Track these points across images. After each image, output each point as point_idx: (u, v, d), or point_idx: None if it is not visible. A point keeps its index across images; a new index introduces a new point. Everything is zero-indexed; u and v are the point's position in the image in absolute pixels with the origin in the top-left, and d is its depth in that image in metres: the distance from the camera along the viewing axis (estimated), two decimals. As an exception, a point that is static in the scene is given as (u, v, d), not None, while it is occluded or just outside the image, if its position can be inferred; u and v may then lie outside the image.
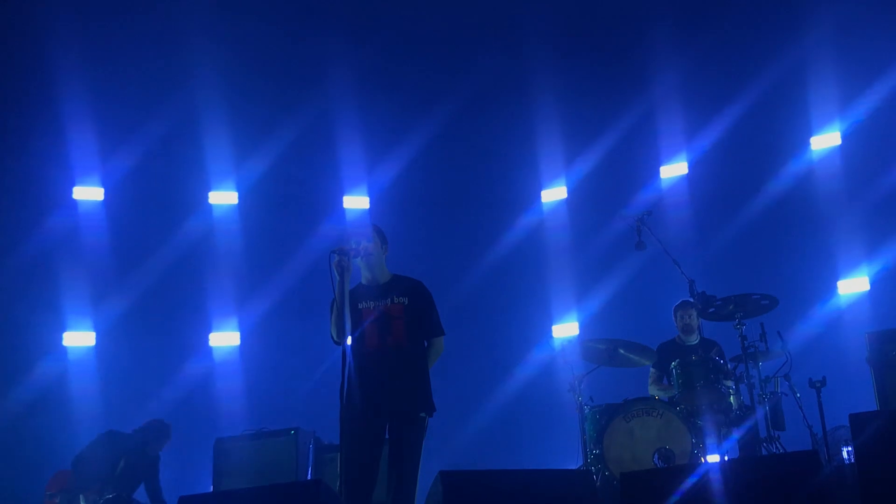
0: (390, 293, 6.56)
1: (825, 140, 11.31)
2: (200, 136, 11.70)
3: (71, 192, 11.49)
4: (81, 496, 8.61)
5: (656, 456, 7.98)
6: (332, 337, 6.54)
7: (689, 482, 5.12)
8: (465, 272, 11.62)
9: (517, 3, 11.52)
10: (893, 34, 11.03)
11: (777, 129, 11.48)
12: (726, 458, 8.13)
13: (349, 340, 6.26)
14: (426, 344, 6.64)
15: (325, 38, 11.67)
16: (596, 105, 11.88)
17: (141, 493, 9.22)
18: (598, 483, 7.90)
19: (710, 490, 5.04)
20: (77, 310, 11.04)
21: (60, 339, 10.92)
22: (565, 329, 11.58)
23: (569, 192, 12.12)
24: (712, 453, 8.10)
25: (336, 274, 6.30)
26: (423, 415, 6.45)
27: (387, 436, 6.42)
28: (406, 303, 6.54)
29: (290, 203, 11.94)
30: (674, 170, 11.79)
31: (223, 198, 11.90)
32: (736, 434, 8.20)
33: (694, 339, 9.30)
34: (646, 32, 11.52)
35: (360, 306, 6.49)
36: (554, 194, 12.17)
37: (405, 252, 7.05)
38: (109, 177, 11.63)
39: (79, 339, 11.04)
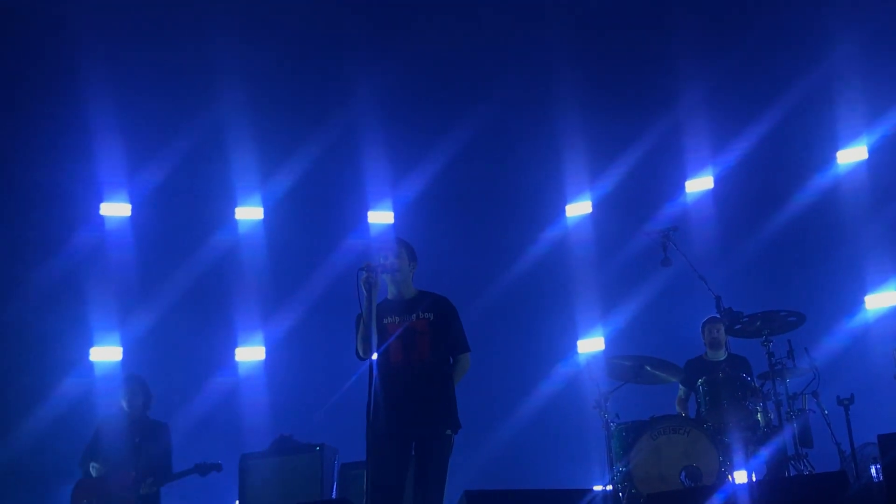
0: (416, 309, 6.57)
1: (852, 154, 11.24)
2: (226, 152, 11.75)
3: (98, 208, 11.55)
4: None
5: (683, 474, 7.93)
6: (357, 353, 6.56)
7: (717, 503, 5.10)
8: (490, 286, 11.59)
9: (542, 19, 11.50)
10: (920, 48, 10.98)
11: (803, 143, 11.41)
12: (754, 476, 8.07)
13: (374, 356, 6.27)
14: (452, 360, 6.64)
15: (349, 54, 11.70)
16: (621, 119, 11.83)
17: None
18: (625, 502, 7.85)
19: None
20: (104, 325, 11.09)
21: (87, 354, 10.96)
22: (591, 344, 11.54)
23: (594, 207, 12.08)
24: (739, 471, 8.05)
25: (363, 290, 6.31)
26: (448, 432, 6.44)
27: (412, 452, 6.41)
28: (431, 318, 6.55)
29: (315, 218, 11.97)
30: (699, 184, 11.73)
31: (249, 213, 11.94)
32: (763, 452, 8.14)
33: (722, 355, 9.26)
34: (671, 47, 11.48)
35: (385, 322, 6.50)
36: (579, 209, 12.13)
37: (429, 267, 7.04)
38: (136, 192, 11.69)
39: (106, 354, 11.08)
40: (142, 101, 11.40)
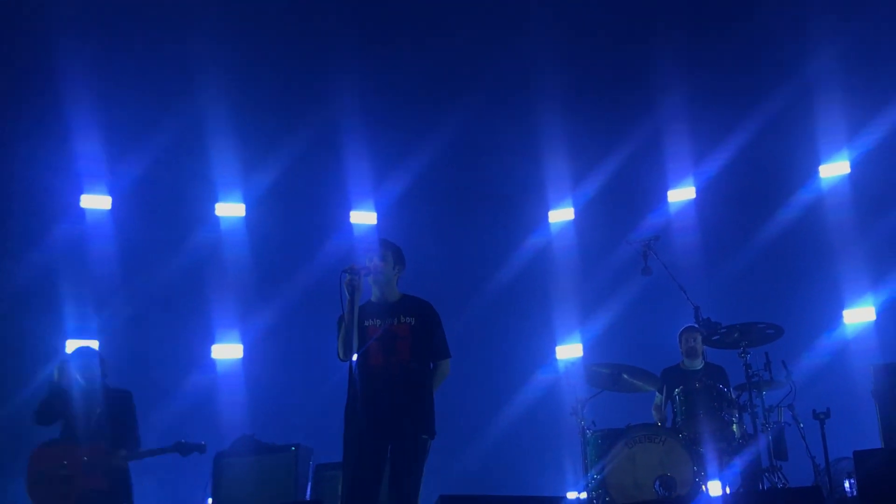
0: (398, 313, 6.56)
1: (834, 168, 11.29)
2: (208, 147, 11.69)
3: (78, 201, 11.48)
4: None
5: (657, 483, 7.95)
6: (338, 354, 6.54)
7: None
8: (471, 291, 11.61)
9: (524, 25, 11.49)
10: (902, 61, 11.03)
11: (786, 156, 11.46)
12: (727, 488, 8.09)
13: (354, 358, 6.25)
14: (432, 366, 6.63)
15: (332, 51, 11.65)
16: (604, 127, 11.87)
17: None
18: (599, 509, 7.86)
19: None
20: (81, 318, 11.02)
21: (63, 347, 10.88)
22: (569, 351, 11.55)
23: (576, 214, 12.10)
24: (714, 482, 8.07)
25: (346, 293, 6.29)
26: (424, 437, 6.43)
27: (388, 455, 6.40)
28: (413, 323, 6.53)
29: (297, 217, 11.94)
30: (682, 194, 11.77)
31: (230, 210, 11.89)
32: (738, 463, 8.17)
33: (698, 364, 9.29)
34: (654, 56, 11.48)
35: (366, 324, 6.49)
36: (561, 215, 12.14)
37: (410, 270, 7.02)
38: (117, 185, 11.63)
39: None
40: (122, 93, 11.30)
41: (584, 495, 8.27)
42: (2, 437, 10.31)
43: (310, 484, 8.88)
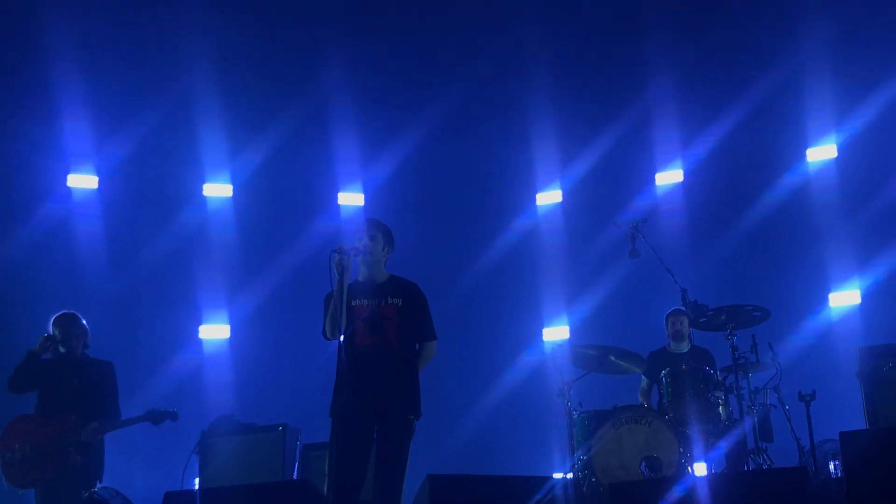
0: (385, 293, 6.55)
1: (822, 152, 11.31)
2: (195, 127, 11.62)
3: (65, 180, 11.43)
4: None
5: (643, 464, 7.98)
6: (324, 333, 6.55)
7: (678, 494, 5.13)
8: (459, 273, 11.61)
9: (513, 6, 11.45)
10: (890, 46, 11.01)
11: (773, 139, 11.48)
12: (713, 469, 8.14)
13: (342, 339, 6.26)
14: (418, 347, 6.64)
15: (320, 31, 11.60)
16: (593, 109, 11.86)
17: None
18: (585, 489, 7.89)
19: (700, 502, 5.05)
20: (66, 299, 10.96)
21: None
22: (556, 333, 11.57)
23: (564, 196, 12.10)
24: (699, 463, 8.12)
25: (336, 273, 6.29)
26: (410, 417, 6.45)
27: (374, 436, 6.42)
28: (400, 304, 6.54)
29: (284, 198, 11.92)
30: (669, 177, 11.77)
31: (218, 190, 11.86)
32: (723, 444, 8.21)
33: (685, 347, 9.31)
34: (642, 38, 11.46)
35: (353, 304, 6.48)
36: (549, 197, 12.14)
37: (398, 251, 7.02)
38: (104, 165, 11.57)
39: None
40: (109, 71, 11.23)
41: (570, 476, 8.31)
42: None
43: (297, 464, 8.90)
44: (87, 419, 7.87)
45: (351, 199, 12.07)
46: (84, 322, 8.31)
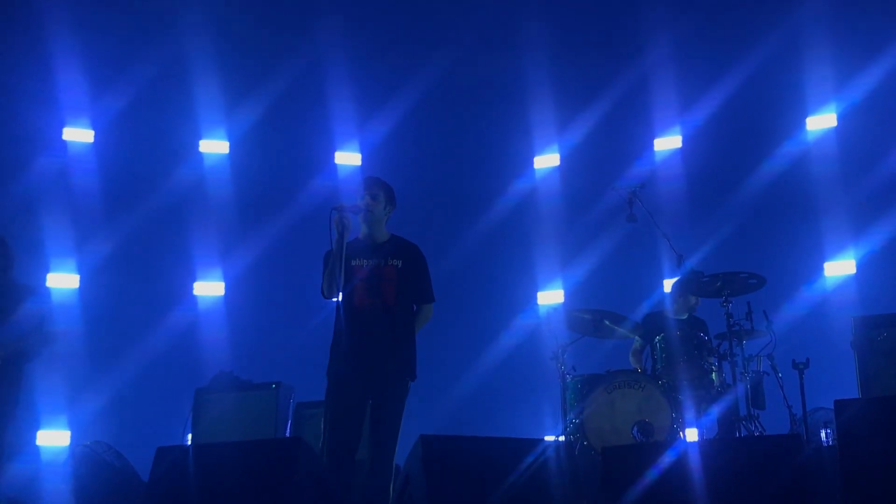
0: (385, 254, 6.56)
1: (821, 121, 11.26)
2: (192, 82, 11.52)
3: (61, 133, 11.36)
4: None
5: (635, 428, 8.02)
6: (323, 291, 6.55)
7: (671, 459, 5.14)
8: (454, 236, 11.57)
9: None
10: (891, 13, 10.94)
11: (773, 107, 11.40)
12: (704, 434, 8.17)
13: (340, 298, 6.25)
14: (415, 308, 6.64)
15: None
16: (591, 73, 11.77)
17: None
18: (577, 453, 7.92)
19: (692, 468, 5.06)
20: (62, 251, 10.95)
21: (44, 280, 10.82)
22: (551, 296, 11.56)
23: (562, 160, 12.04)
24: (691, 428, 8.15)
25: (335, 231, 6.28)
26: (406, 379, 6.48)
27: (369, 397, 6.43)
28: (399, 265, 6.55)
29: (281, 156, 11.84)
30: (668, 143, 11.71)
31: (214, 146, 11.80)
32: (716, 411, 8.24)
33: (683, 315, 9.30)
34: (641, 1, 11.43)
35: (352, 263, 6.48)
36: (547, 161, 12.09)
37: (394, 213, 7.01)
38: (100, 118, 11.49)
39: (63, 280, 10.94)
40: (104, 24, 11.14)
41: (562, 439, 8.34)
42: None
43: (290, 422, 8.93)
44: None
45: (348, 158, 12.01)
46: (9, 245, 7.83)
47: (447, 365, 10.82)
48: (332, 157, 11.97)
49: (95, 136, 11.46)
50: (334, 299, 6.27)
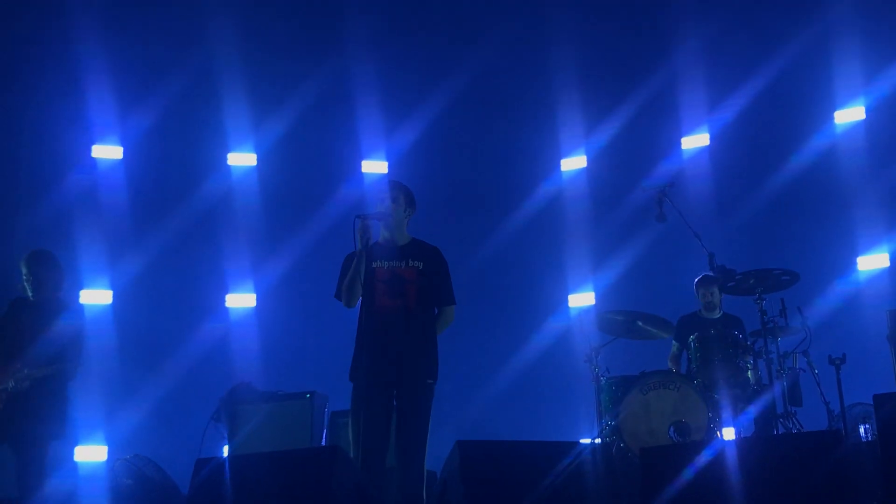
0: (406, 256, 6.59)
1: (849, 114, 11.17)
2: (219, 97, 11.62)
3: (90, 151, 11.45)
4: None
5: (672, 429, 7.98)
6: (337, 294, 6.57)
7: (709, 458, 5.12)
8: (483, 239, 11.57)
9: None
10: (918, 7, 10.89)
11: (800, 102, 11.33)
12: (741, 433, 8.12)
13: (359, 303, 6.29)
14: (437, 311, 6.64)
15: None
16: (618, 73, 11.78)
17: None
18: (614, 455, 7.89)
19: (731, 466, 5.04)
20: (94, 268, 11.03)
21: (77, 297, 10.89)
22: (582, 299, 11.53)
23: (589, 161, 12.02)
24: (728, 428, 8.10)
25: (359, 239, 6.31)
26: (429, 381, 6.47)
27: (394, 401, 6.43)
28: (421, 267, 6.57)
29: (308, 166, 11.88)
30: (695, 141, 11.66)
31: (242, 159, 11.85)
32: (752, 409, 8.19)
33: (716, 314, 9.28)
34: (668, 2, 11.40)
35: (374, 265, 6.51)
36: (574, 163, 12.07)
37: (422, 218, 7.03)
38: (128, 136, 11.58)
39: (96, 297, 11.02)
40: (133, 41, 11.28)
41: (598, 441, 8.31)
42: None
43: (325, 431, 8.94)
44: (26, 366, 7.34)
45: (375, 167, 12.03)
46: (59, 263, 7.84)
47: (480, 368, 10.83)
48: (359, 166, 12.00)
49: (124, 153, 11.54)
50: (352, 306, 6.33)
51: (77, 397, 8.17)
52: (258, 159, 11.89)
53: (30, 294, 7.72)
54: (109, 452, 10.34)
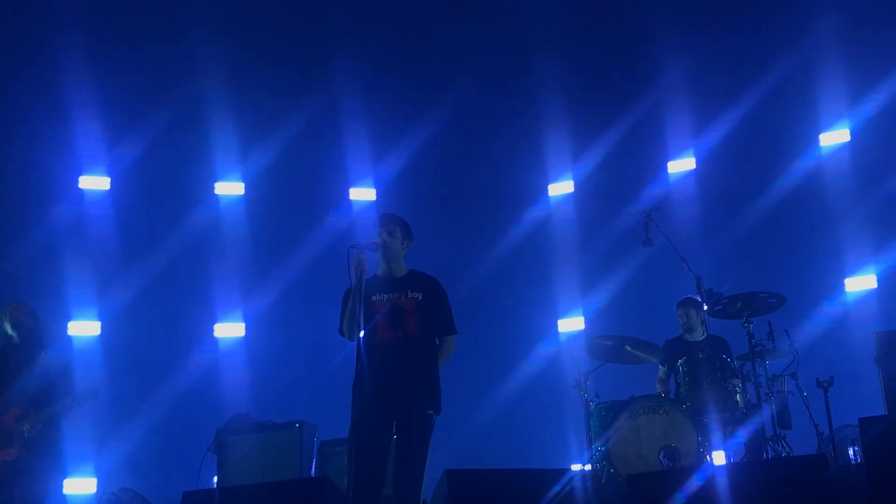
0: (405, 287, 6.57)
1: (834, 137, 11.23)
2: (206, 126, 11.67)
3: (77, 182, 11.45)
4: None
5: (662, 454, 7.96)
6: (341, 330, 6.55)
7: (697, 483, 5.11)
8: (471, 265, 11.57)
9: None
10: (902, 28, 10.96)
11: (786, 125, 11.40)
12: (731, 457, 8.11)
13: (361, 334, 6.25)
14: (438, 342, 6.63)
15: (331, 28, 11.63)
16: (603, 99, 11.85)
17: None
18: (604, 481, 7.87)
19: (721, 491, 5.03)
20: (82, 299, 11.01)
21: (65, 328, 10.87)
22: (571, 324, 11.54)
23: (576, 186, 12.05)
24: (718, 451, 8.08)
25: (353, 271, 6.28)
26: (430, 412, 6.45)
27: (394, 432, 6.41)
28: (420, 298, 6.54)
29: (296, 195, 11.90)
30: (682, 165, 11.71)
31: (230, 188, 11.86)
32: (742, 432, 8.18)
33: (699, 336, 9.26)
34: (653, 26, 11.45)
35: (373, 298, 6.49)
36: (561, 188, 12.11)
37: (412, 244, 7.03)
38: (116, 166, 11.59)
39: (84, 328, 11.00)
40: (119, 72, 11.28)
41: (588, 467, 8.29)
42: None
43: (315, 460, 8.91)
44: (29, 412, 7.60)
45: (363, 194, 12.05)
46: (35, 311, 8.11)
47: (469, 395, 10.80)
48: (347, 194, 12.01)
49: (112, 183, 11.54)
50: (355, 338, 6.28)
51: (66, 430, 8.17)
52: (246, 188, 11.90)
53: (15, 341, 7.95)
54: (98, 485, 10.28)
